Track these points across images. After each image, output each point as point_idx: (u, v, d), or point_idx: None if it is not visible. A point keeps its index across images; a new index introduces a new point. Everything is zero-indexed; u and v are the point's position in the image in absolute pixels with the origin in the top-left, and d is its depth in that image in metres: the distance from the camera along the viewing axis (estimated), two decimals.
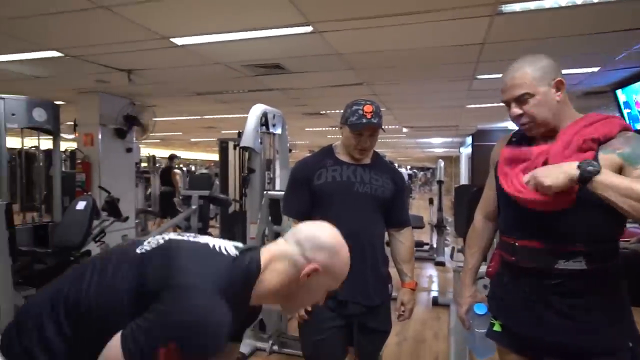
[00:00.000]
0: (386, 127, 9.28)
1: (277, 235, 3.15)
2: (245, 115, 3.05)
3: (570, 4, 2.36)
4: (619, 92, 4.46)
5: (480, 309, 1.46)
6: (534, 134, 1.27)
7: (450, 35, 3.00)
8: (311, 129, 9.66)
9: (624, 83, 4.33)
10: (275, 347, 3.00)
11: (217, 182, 6.33)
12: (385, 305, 1.71)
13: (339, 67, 3.93)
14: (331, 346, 1.62)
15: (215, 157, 6.42)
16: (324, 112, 7.01)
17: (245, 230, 3.19)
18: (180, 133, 11.13)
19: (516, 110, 1.24)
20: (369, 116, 1.59)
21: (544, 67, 1.22)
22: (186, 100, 5.83)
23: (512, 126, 8.47)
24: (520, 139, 1.35)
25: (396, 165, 13.16)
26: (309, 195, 1.67)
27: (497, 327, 1.37)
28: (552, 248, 1.18)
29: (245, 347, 3.00)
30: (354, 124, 1.59)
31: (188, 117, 7.81)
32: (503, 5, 2.41)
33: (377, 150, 1.78)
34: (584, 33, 2.89)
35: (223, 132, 9.71)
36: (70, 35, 3.12)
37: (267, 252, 1.00)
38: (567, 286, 1.18)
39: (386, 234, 1.79)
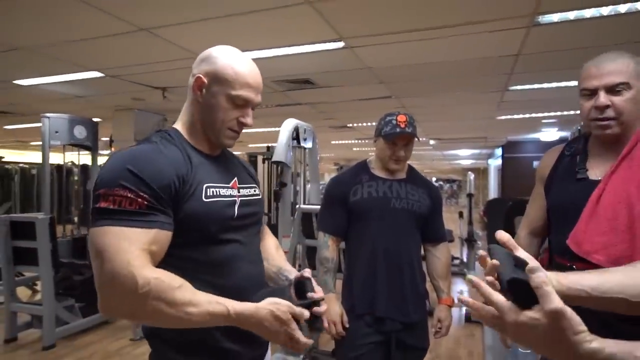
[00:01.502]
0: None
1: (309, 249, 3.15)
2: (273, 129, 3.11)
3: (612, 13, 2.29)
4: None
5: None
6: (608, 134, 1.15)
7: (484, 48, 2.97)
8: (337, 142, 9.68)
9: None
10: None
11: None
12: (422, 322, 1.69)
13: (369, 81, 3.95)
14: (367, 358, 1.59)
15: None
16: (350, 125, 7.03)
17: None
18: None
19: (605, 101, 1.11)
20: (402, 125, 1.59)
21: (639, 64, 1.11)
22: None
23: (543, 137, 8.26)
24: (574, 152, 1.28)
25: None
26: (345, 212, 1.67)
27: None
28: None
29: None
30: (389, 133, 1.60)
31: None
32: (540, 16, 2.36)
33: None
34: (627, 41, 2.79)
35: (250, 145, 9.86)
36: (112, 57, 3.26)
37: None
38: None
39: (422, 248, 1.76)
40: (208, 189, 0.96)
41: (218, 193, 0.98)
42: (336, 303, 1.65)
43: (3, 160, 9.71)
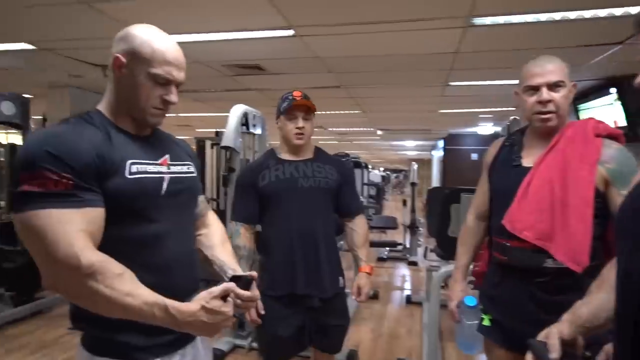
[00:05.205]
0: (361, 129, 9.41)
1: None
2: (222, 114, 3.08)
3: (534, 20, 2.53)
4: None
5: (470, 301, 1.49)
6: (549, 126, 1.33)
7: (426, 44, 3.13)
8: None
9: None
10: (255, 344, 3.04)
11: None
12: (339, 296, 1.76)
13: (318, 70, 4.01)
14: (287, 339, 1.66)
15: None
16: None
17: None
18: None
19: (547, 96, 1.29)
20: (298, 98, 1.66)
21: (567, 67, 1.33)
22: None
23: (480, 131, 8.81)
24: (513, 143, 1.45)
25: (370, 167, 13.34)
26: (255, 198, 1.71)
27: (486, 322, 1.43)
28: (541, 249, 1.28)
29: (223, 344, 3.03)
30: (287, 107, 1.66)
31: None
32: (474, 18, 2.54)
33: (350, 151, 1.85)
34: (549, 46, 3.08)
35: (197, 130, 9.60)
36: (45, 29, 3.05)
37: None
38: (553, 283, 1.27)
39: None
40: (132, 166, 0.96)
41: (144, 170, 0.98)
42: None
43: None
